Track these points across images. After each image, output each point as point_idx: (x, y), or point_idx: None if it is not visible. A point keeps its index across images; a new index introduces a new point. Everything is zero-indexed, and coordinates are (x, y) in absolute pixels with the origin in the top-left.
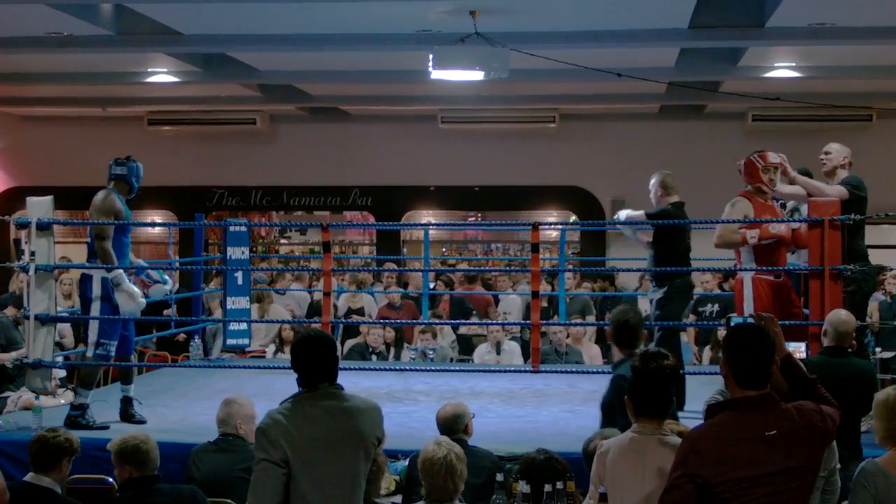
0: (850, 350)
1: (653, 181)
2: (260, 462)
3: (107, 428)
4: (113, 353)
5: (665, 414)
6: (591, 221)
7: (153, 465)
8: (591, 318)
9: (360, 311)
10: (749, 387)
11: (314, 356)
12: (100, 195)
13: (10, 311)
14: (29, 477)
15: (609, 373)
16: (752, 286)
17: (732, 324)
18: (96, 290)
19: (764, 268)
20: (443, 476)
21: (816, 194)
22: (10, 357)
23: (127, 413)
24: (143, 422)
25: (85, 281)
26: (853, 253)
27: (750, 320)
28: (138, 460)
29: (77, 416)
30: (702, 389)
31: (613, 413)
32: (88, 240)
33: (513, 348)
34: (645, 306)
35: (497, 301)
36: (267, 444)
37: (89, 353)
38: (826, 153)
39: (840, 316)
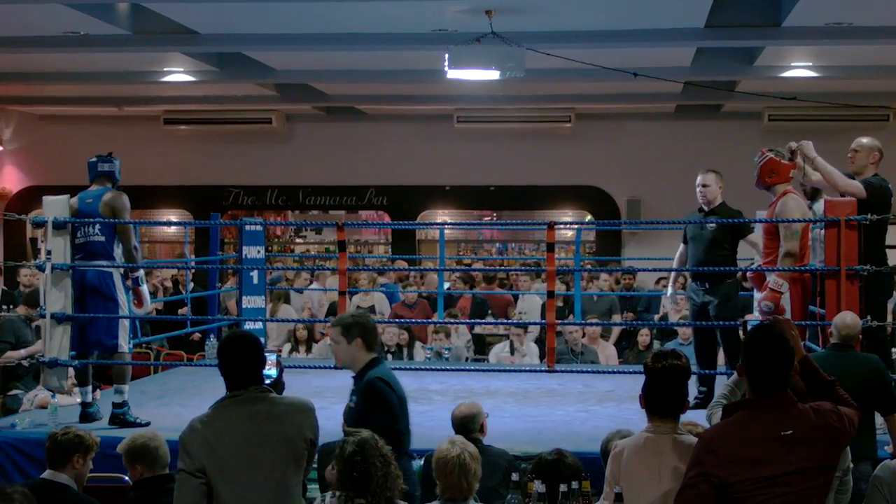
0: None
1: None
2: (179, 472)
3: (148, 424)
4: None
5: (678, 413)
6: (607, 221)
7: (163, 462)
8: (616, 319)
9: (371, 311)
10: (763, 392)
11: (238, 358)
12: (118, 195)
13: (21, 310)
14: (46, 474)
15: (623, 372)
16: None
17: (749, 326)
18: (120, 287)
19: (784, 268)
20: (457, 475)
21: (831, 183)
22: (21, 354)
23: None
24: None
25: (103, 279)
26: (870, 256)
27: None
28: (148, 458)
29: (123, 414)
30: (714, 391)
31: (368, 422)
32: (102, 238)
33: (530, 350)
34: (665, 303)
35: (516, 300)
36: (184, 453)
37: (124, 349)
38: (855, 150)
39: (845, 319)
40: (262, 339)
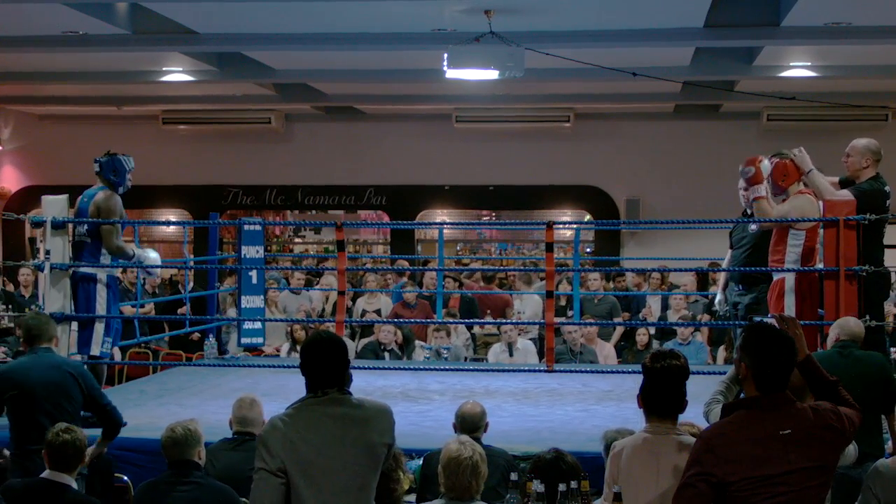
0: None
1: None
2: (258, 471)
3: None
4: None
5: (677, 413)
6: (606, 221)
7: (173, 454)
8: (618, 320)
9: (378, 313)
10: (769, 392)
11: (323, 359)
12: (109, 196)
13: None
14: (46, 474)
15: (622, 372)
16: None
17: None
18: (101, 290)
19: (788, 269)
20: (468, 475)
21: (820, 198)
22: None
23: None
24: None
25: (86, 280)
26: (868, 257)
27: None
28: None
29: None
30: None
31: None
32: (88, 239)
33: (527, 347)
34: (655, 306)
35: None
36: (265, 452)
37: (95, 352)
38: (847, 154)
39: (849, 324)
40: (262, 339)
